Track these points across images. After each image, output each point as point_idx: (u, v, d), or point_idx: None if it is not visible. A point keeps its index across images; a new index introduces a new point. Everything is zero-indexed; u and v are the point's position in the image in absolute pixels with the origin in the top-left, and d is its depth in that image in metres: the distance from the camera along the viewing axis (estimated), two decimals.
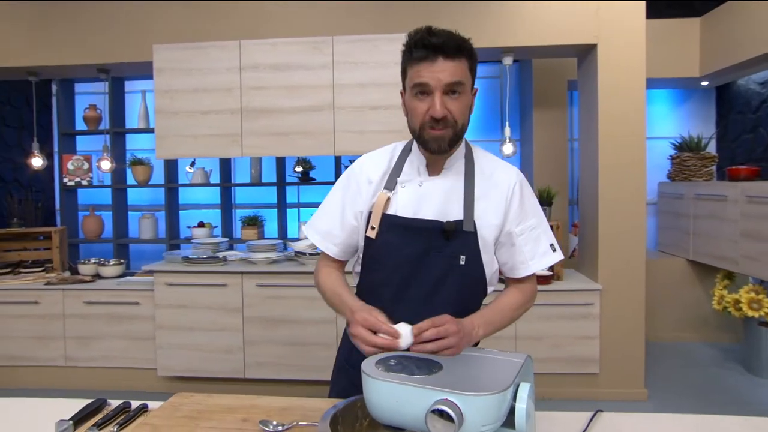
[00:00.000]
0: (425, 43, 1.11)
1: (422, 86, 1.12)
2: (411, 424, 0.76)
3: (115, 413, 1.24)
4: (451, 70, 1.11)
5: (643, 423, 1.16)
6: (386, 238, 1.21)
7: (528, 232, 1.24)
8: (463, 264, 1.19)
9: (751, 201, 3.29)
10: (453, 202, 1.21)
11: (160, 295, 3.19)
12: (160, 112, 3.19)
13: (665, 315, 4.11)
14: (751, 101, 4.11)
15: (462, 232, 1.18)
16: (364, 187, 1.27)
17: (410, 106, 1.19)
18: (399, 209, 1.21)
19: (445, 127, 1.14)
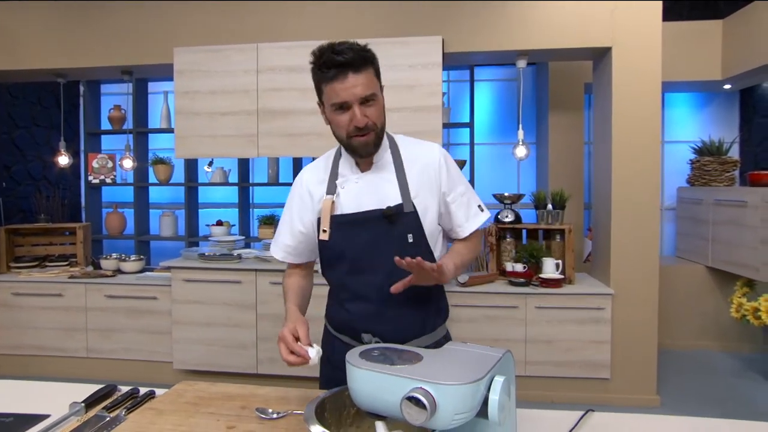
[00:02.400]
0: (333, 62, 1.19)
1: (341, 104, 1.21)
2: (389, 410, 0.79)
3: (124, 398, 1.31)
4: (363, 82, 1.20)
5: (637, 423, 1.17)
6: (338, 236, 1.31)
7: (459, 199, 1.36)
8: (411, 242, 1.29)
9: None
10: (389, 190, 1.31)
11: (177, 291, 3.28)
12: (181, 112, 3.29)
13: (683, 322, 4.04)
14: None
15: (403, 213, 1.29)
16: (307, 198, 1.38)
17: (333, 120, 1.27)
18: (343, 208, 1.32)
19: (368, 133, 1.25)
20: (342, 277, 1.34)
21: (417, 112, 3.14)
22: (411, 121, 3.16)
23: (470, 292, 3.16)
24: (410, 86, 3.12)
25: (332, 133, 1.31)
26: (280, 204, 4.63)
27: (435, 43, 3.09)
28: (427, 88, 3.12)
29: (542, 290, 3.15)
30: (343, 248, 1.31)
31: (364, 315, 1.32)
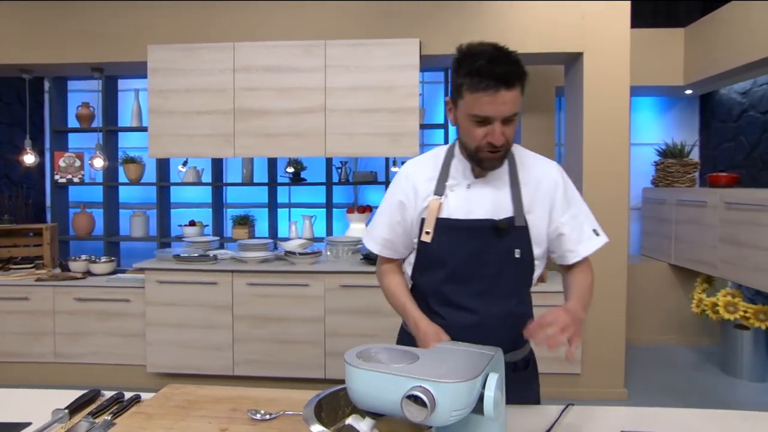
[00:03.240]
0: (489, 73, 1.10)
1: (483, 118, 1.15)
2: (389, 409, 0.82)
3: (109, 403, 1.29)
4: (511, 101, 1.14)
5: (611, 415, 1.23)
6: (442, 240, 1.26)
7: (572, 221, 1.30)
8: (518, 257, 1.25)
9: (730, 207, 3.39)
10: (501, 201, 1.26)
11: (150, 293, 3.22)
12: (154, 111, 3.24)
13: (648, 318, 4.21)
14: (733, 110, 4.22)
15: (514, 227, 1.25)
16: (410, 193, 1.32)
17: (466, 128, 1.21)
18: (452, 212, 1.26)
19: (500, 150, 1.20)
20: (438, 282, 1.29)
21: (394, 113, 3.18)
22: (388, 122, 3.19)
23: None
24: (388, 87, 3.15)
25: (457, 136, 1.28)
26: (254, 204, 4.59)
27: (412, 46, 3.13)
28: (405, 90, 3.16)
29: None
30: (446, 254, 1.26)
31: (460, 325, 1.25)
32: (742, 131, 4.11)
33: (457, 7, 3.20)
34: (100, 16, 3.33)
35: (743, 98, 4.10)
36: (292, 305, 3.19)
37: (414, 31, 3.21)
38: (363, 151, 3.23)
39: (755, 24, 3.33)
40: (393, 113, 3.17)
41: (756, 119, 3.96)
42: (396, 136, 3.18)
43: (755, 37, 3.33)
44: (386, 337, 3.13)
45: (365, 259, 3.29)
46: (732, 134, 4.22)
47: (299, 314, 3.19)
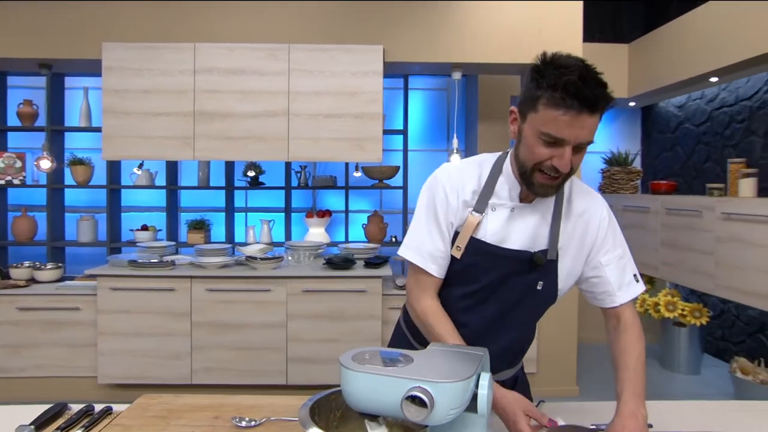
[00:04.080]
0: (578, 93, 0.98)
1: (556, 140, 1.03)
2: (386, 410, 0.84)
3: (79, 417, 1.24)
4: (590, 128, 1.03)
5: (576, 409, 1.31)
6: (471, 260, 1.19)
7: (615, 262, 1.21)
8: (539, 289, 1.20)
9: (670, 213, 3.63)
10: (540, 233, 1.18)
11: (103, 300, 3.09)
12: (109, 111, 3.12)
13: (595, 319, 4.42)
14: (670, 122, 4.52)
15: (546, 261, 1.18)
16: (454, 202, 1.20)
17: (531, 146, 1.07)
18: (488, 235, 1.18)
19: (560, 177, 1.08)
20: (456, 298, 1.24)
21: (358, 119, 3.20)
22: (352, 127, 3.21)
23: None
24: (352, 93, 3.18)
25: (516, 150, 1.14)
26: (210, 208, 4.49)
27: (376, 52, 3.17)
28: (369, 96, 3.19)
29: None
30: (470, 274, 1.20)
31: (468, 341, 1.19)
32: (678, 142, 4.41)
33: (419, 16, 3.27)
34: (52, 10, 3.18)
35: (679, 111, 4.41)
36: (253, 311, 3.15)
37: (377, 38, 3.26)
38: (327, 156, 3.24)
39: (691, 44, 3.59)
40: (357, 118, 3.20)
41: (691, 131, 4.27)
42: (360, 141, 3.21)
43: (691, 56, 3.60)
44: (349, 342, 3.16)
45: (328, 264, 3.29)
46: (670, 144, 4.52)
47: (260, 320, 3.15)
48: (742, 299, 3.05)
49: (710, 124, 4.04)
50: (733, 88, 3.80)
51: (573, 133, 1.01)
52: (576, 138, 1.02)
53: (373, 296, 3.17)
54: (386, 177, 4.06)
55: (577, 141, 1.03)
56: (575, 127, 1.01)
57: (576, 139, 1.02)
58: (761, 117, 3.57)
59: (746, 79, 3.67)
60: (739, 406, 1.37)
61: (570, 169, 1.06)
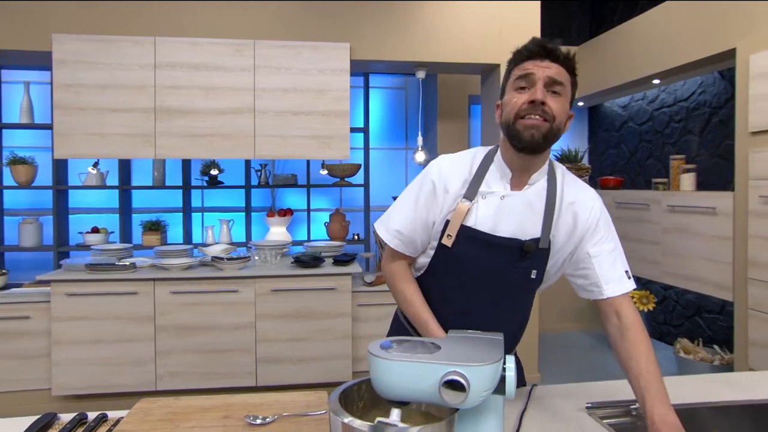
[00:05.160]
0: (539, 44, 1.13)
1: (526, 77, 1.11)
2: (420, 396, 0.87)
3: (73, 426, 1.19)
4: (556, 70, 1.12)
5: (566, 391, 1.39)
6: (463, 249, 1.21)
7: (606, 255, 1.22)
8: (533, 278, 1.22)
9: (620, 206, 3.86)
10: (532, 221, 1.20)
11: (58, 307, 2.92)
12: (61, 107, 2.94)
13: (553, 309, 4.63)
14: (615, 121, 4.80)
15: (538, 249, 1.19)
16: (441, 194, 1.23)
17: (508, 100, 1.15)
18: (478, 222, 1.20)
19: (543, 120, 1.11)
20: (449, 288, 1.26)
21: (325, 116, 3.19)
22: (319, 124, 3.20)
23: (377, 291, 3.29)
24: (319, 90, 3.17)
25: (500, 122, 1.18)
26: (165, 209, 4.32)
27: (343, 50, 3.17)
28: (336, 93, 3.19)
29: None
30: (465, 263, 1.21)
31: (461, 326, 1.17)
32: (623, 140, 4.69)
33: (385, 14, 3.30)
34: None
35: (624, 111, 4.69)
36: (220, 312, 3.07)
37: (343, 35, 3.26)
38: (294, 154, 3.20)
39: (636, 48, 3.83)
40: (324, 116, 3.19)
41: (634, 130, 4.55)
42: (327, 139, 3.20)
43: (635, 60, 3.84)
44: (319, 340, 3.15)
45: (297, 262, 3.26)
46: (615, 142, 4.80)
47: (228, 321, 3.08)
48: (685, 284, 3.30)
49: (652, 124, 4.33)
50: (672, 90, 4.09)
51: (539, 70, 1.11)
52: (543, 74, 1.10)
53: (343, 293, 3.17)
54: (348, 175, 4.07)
55: (545, 76, 1.10)
56: (541, 67, 1.11)
57: (542, 73, 1.11)
58: (696, 117, 3.87)
59: (683, 82, 3.96)
60: (709, 379, 1.50)
61: (550, 112, 1.10)
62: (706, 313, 3.88)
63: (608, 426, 1.19)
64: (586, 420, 1.23)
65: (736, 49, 2.93)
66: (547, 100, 1.10)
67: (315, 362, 3.15)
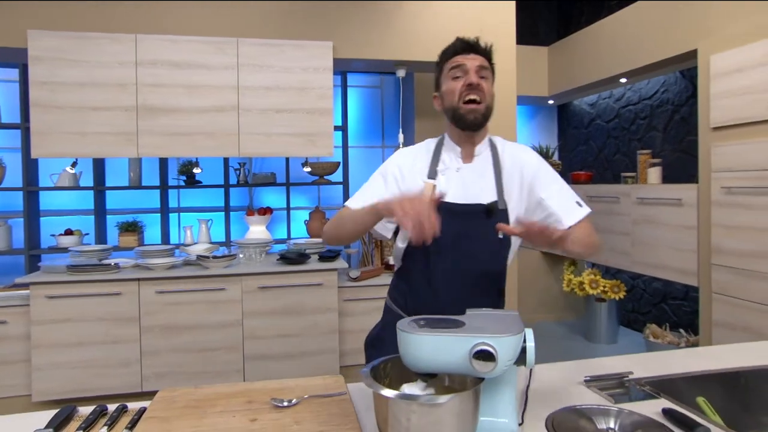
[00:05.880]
0: (461, 42, 1.40)
1: (459, 67, 1.37)
2: (450, 368, 0.93)
3: (95, 417, 1.20)
4: (481, 60, 1.39)
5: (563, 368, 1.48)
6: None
7: (555, 195, 1.40)
8: (502, 238, 1.36)
9: (591, 200, 4.04)
10: (486, 186, 1.39)
11: (38, 310, 2.85)
12: (38, 105, 2.87)
13: (525, 300, 4.79)
14: (584, 119, 5.00)
15: (498, 210, 1.36)
16: (399, 180, 1.43)
17: (447, 89, 1.40)
18: (445, 196, 1.34)
19: (479, 103, 1.36)
20: (428, 261, 1.38)
21: (309, 114, 3.23)
22: (303, 122, 3.23)
23: (362, 287, 3.35)
24: (303, 88, 3.19)
25: (444, 109, 1.42)
26: (141, 209, 4.24)
27: (327, 48, 3.21)
28: (319, 91, 3.22)
29: None
30: (440, 237, 1.24)
31: (450, 298, 1.37)
32: (591, 137, 4.89)
33: (366, 15, 3.36)
34: None
35: (591, 109, 4.89)
36: (206, 311, 3.06)
37: (326, 34, 3.30)
38: (278, 151, 3.22)
39: (603, 49, 4.02)
40: (308, 113, 3.22)
41: (602, 127, 4.75)
42: (312, 137, 3.23)
43: (603, 60, 4.02)
44: (307, 336, 3.18)
45: (282, 260, 3.28)
46: (584, 139, 5.00)
47: (215, 320, 3.07)
48: (654, 272, 3.49)
49: (618, 121, 4.54)
50: (637, 89, 4.30)
51: (468, 62, 1.37)
52: (471, 62, 1.37)
53: (329, 289, 3.21)
54: (327, 173, 4.10)
55: (473, 64, 1.37)
56: (468, 59, 1.38)
57: (472, 63, 1.37)
58: (660, 114, 4.08)
59: (647, 81, 4.17)
60: (685, 353, 1.63)
61: (483, 93, 1.36)
62: (671, 299, 4.10)
63: (607, 396, 1.29)
64: (586, 391, 1.32)
65: (697, 50, 3.12)
66: (480, 81, 1.36)
67: (303, 357, 3.18)
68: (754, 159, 2.71)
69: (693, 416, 1.14)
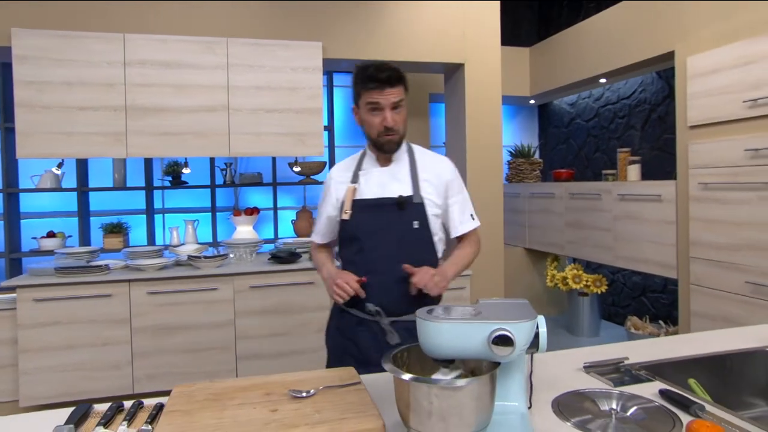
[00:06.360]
0: (376, 78, 1.50)
1: (376, 104, 1.52)
2: (466, 353, 0.98)
3: (113, 413, 1.21)
4: (395, 93, 1.52)
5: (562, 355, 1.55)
6: (357, 217, 1.58)
7: (458, 204, 1.65)
8: (417, 228, 1.56)
9: (573, 197, 4.15)
10: (402, 183, 1.59)
11: (25, 314, 2.80)
12: (23, 105, 2.82)
13: (509, 296, 4.88)
14: (564, 118, 5.13)
15: (412, 203, 1.56)
16: (333, 188, 1.68)
17: (366, 120, 1.56)
18: (364, 194, 1.60)
19: (395, 134, 1.55)
20: (355, 252, 1.59)
21: (299, 114, 3.24)
22: (293, 121, 3.25)
23: None
24: (293, 88, 3.21)
25: (364, 132, 1.60)
26: (125, 211, 4.19)
27: (316, 49, 3.23)
28: (309, 91, 3.25)
29: None
30: (360, 227, 1.56)
31: (370, 286, 1.53)
32: (571, 135, 5.02)
33: (354, 15, 3.39)
34: None
35: (571, 108, 5.02)
36: (198, 311, 3.06)
37: (315, 34, 3.32)
38: (269, 151, 3.23)
39: (583, 50, 4.14)
40: (297, 113, 3.24)
41: (582, 126, 4.88)
42: (302, 136, 3.25)
43: (584, 61, 4.14)
44: (299, 334, 3.20)
45: (274, 259, 3.29)
46: (564, 138, 5.13)
47: (207, 320, 3.07)
48: (635, 266, 3.61)
49: (597, 120, 4.67)
50: (615, 89, 4.44)
51: (383, 98, 1.51)
52: (387, 101, 1.51)
53: (320, 287, 3.23)
54: (314, 172, 4.12)
55: (388, 102, 1.51)
56: (384, 95, 1.50)
57: (387, 101, 1.51)
58: (638, 113, 4.22)
59: (625, 81, 4.31)
60: (672, 340, 1.71)
61: (397, 126, 1.54)
62: (650, 292, 4.24)
63: (606, 380, 1.36)
64: (586, 377, 1.38)
65: (674, 52, 3.25)
66: (395, 118, 1.53)
67: (295, 356, 3.20)
68: (729, 156, 2.84)
69: (688, 396, 1.22)
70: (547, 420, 1.14)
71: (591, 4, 4.52)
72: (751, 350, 1.59)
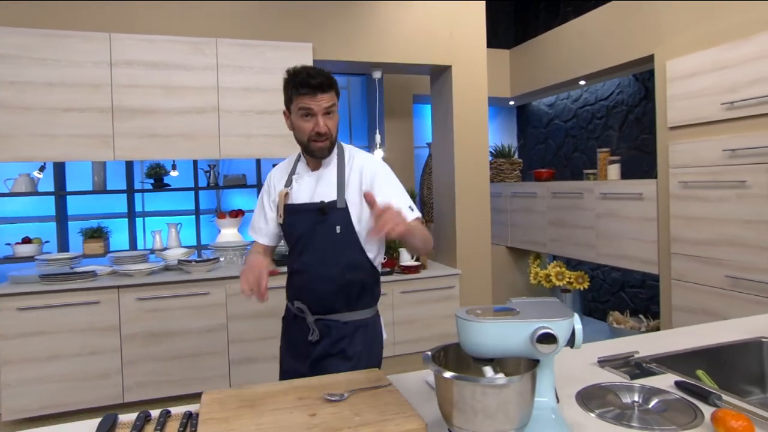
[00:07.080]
0: (307, 83, 1.49)
1: (308, 110, 1.51)
2: (511, 351, 1.01)
3: (142, 423, 1.19)
4: (327, 99, 1.51)
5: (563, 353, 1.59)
6: (288, 220, 1.62)
7: (392, 198, 1.51)
8: (339, 232, 1.57)
9: (555, 196, 4.26)
10: (329, 188, 1.60)
11: (7, 324, 2.69)
12: (4, 106, 2.71)
13: (494, 294, 4.96)
14: (542, 119, 5.25)
15: (336, 209, 1.57)
16: (272, 190, 1.70)
17: (298, 126, 1.56)
18: (293, 199, 1.63)
19: (326, 140, 1.55)
20: (292, 251, 1.65)
21: None
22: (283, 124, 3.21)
23: None
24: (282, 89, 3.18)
25: (294, 137, 1.60)
26: (104, 215, 4.06)
27: (306, 50, 3.21)
28: None
29: (404, 276, 3.57)
30: (291, 231, 1.62)
31: (298, 286, 1.63)
32: (550, 135, 5.14)
33: (344, 16, 3.39)
34: None
35: (550, 109, 5.14)
36: (190, 316, 3.00)
37: (305, 35, 3.30)
38: (260, 153, 3.20)
39: (564, 52, 4.24)
40: None
41: (560, 126, 5.01)
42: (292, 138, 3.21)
43: (564, 63, 4.25)
44: None
45: None
46: (543, 138, 5.25)
47: (199, 325, 3.01)
48: (618, 263, 3.73)
49: (576, 120, 4.80)
50: (593, 90, 4.57)
51: (315, 104, 1.50)
52: (318, 106, 1.50)
53: None
54: None
55: (320, 108, 1.51)
56: (315, 101, 1.50)
57: (319, 107, 1.50)
58: (615, 114, 4.36)
59: (603, 83, 4.45)
60: (672, 333, 1.79)
61: (329, 132, 1.53)
62: (629, 288, 4.39)
63: (621, 373, 1.41)
64: (602, 371, 1.43)
65: (654, 56, 3.37)
66: (327, 124, 1.53)
67: None
68: (708, 156, 2.97)
69: (703, 386, 1.28)
70: (574, 413, 1.18)
71: (569, 8, 4.64)
72: (746, 341, 1.68)
